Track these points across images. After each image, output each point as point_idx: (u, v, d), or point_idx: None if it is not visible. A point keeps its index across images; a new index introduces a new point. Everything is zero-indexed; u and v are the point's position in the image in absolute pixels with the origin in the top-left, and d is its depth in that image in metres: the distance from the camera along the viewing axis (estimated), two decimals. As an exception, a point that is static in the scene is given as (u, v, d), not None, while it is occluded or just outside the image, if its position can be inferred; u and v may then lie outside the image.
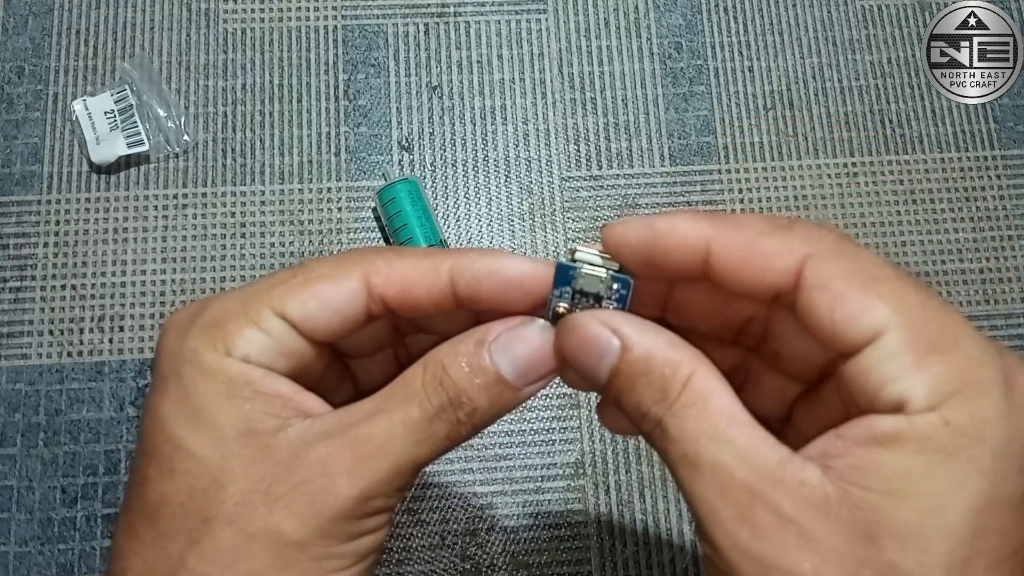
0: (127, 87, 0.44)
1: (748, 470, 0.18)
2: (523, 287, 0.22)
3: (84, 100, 0.44)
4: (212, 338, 0.22)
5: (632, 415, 0.20)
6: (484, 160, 0.45)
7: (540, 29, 0.47)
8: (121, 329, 0.42)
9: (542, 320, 0.22)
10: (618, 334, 0.20)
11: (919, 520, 0.17)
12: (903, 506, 0.17)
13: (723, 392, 0.19)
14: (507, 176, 0.45)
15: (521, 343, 0.22)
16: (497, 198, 0.45)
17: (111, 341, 0.41)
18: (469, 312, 0.24)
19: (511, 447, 0.41)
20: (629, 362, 0.20)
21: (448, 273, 0.22)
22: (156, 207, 0.43)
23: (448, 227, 0.44)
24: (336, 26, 0.47)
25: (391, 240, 0.42)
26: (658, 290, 0.23)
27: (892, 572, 0.17)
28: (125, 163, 0.44)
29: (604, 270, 0.22)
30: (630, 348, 0.20)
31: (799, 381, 0.23)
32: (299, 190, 0.44)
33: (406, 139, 0.45)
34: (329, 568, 0.21)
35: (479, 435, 0.40)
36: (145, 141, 0.43)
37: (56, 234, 0.43)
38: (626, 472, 0.41)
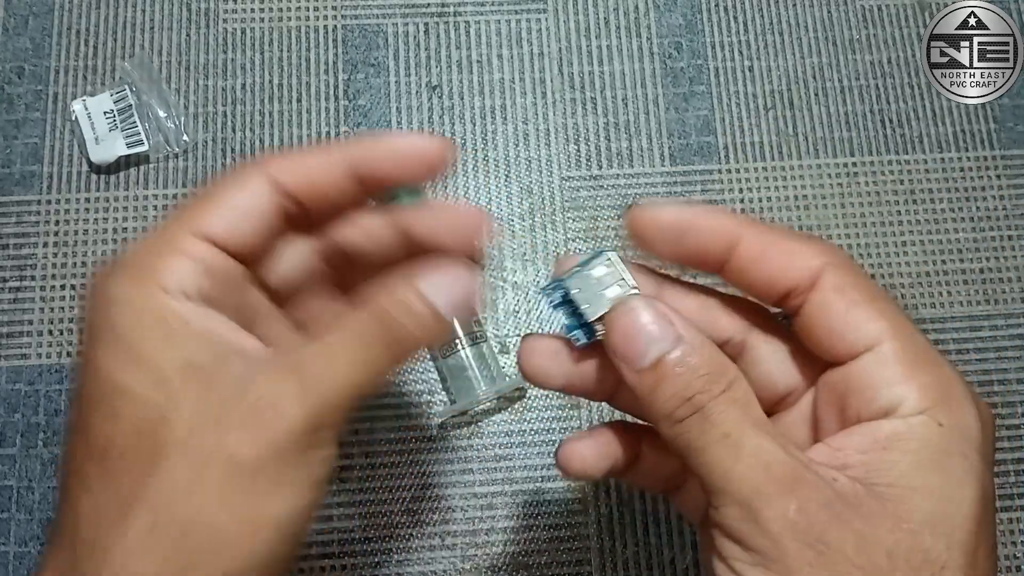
0: (126, 87, 0.44)
1: (790, 458, 0.20)
2: (416, 152, 0.24)
3: (83, 100, 0.44)
4: (140, 278, 0.22)
5: (666, 401, 0.21)
6: (484, 160, 0.45)
7: (540, 29, 0.47)
8: (121, 329, 0.42)
9: (465, 260, 0.24)
10: (673, 327, 0.21)
11: (943, 509, 0.19)
12: (925, 497, 0.19)
13: (757, 402, 0.21)
14: (507, 176, 0.45)
15: (445, 276, 0.23)
16: (497, 198, 0.45)
17: (111, 341, 0.41)
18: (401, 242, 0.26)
19: (511, 447, 0.41)
20: (682, 352, 0.21)
21: (347, 161, 0.24)
22: (156, 207, 0.43)
23: (448, 227, 0.44)
24: (336, 26, 0.47)
25: None
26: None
27: (926, 555, 0.18)
28: (124, 163, 0.44)
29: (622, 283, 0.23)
30: (684, 341, 0.21)
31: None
32: (299, 190, 0.44)
33: (406, 139, 0.45)
34: (284, 493, 0.21)
35: (479, 435, 0.40)
36: (144, 141, 0.43)
37: (56, 234, 0.43)
38: (626, 472, 0.41)
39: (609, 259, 0.23)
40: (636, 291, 0.22)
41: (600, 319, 0.22)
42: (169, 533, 0.20)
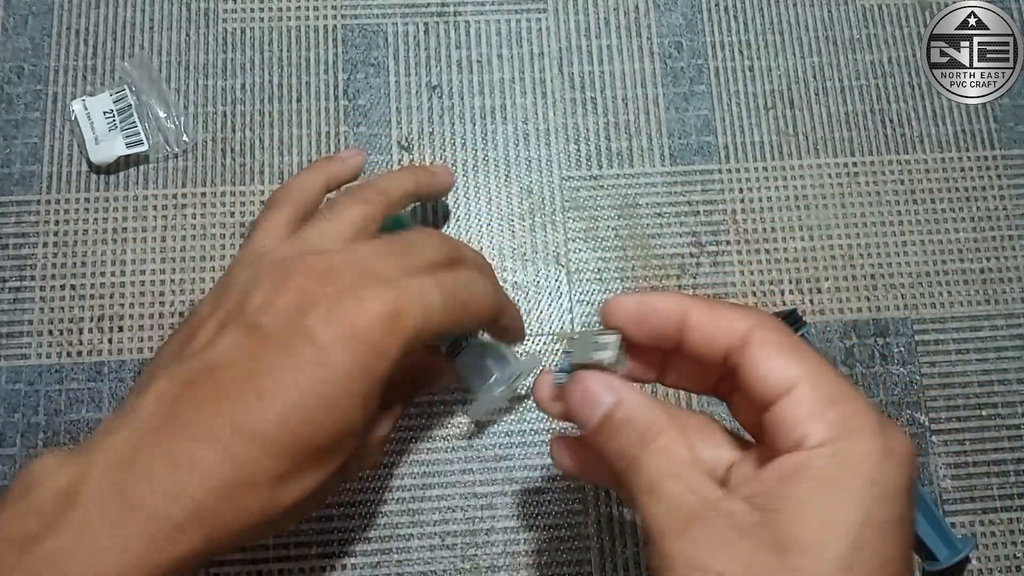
0: (126, 87, 0.44)
1: (695, 498, 0.23)
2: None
3: (83, 100, 0.43)
4: (404, 342, 0.29)
5: (612, 454, 0.25)
6: (484, 160, 0.45)
7: (540, 28, 0.47)
8: (120, 329, 0.42)
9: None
10: (614, 391, 0.26)
11: (817, 533, 0.21)
12: (805, 523, 0.22)
13: (685, 447, 0.24)
14: (507, 176, 0.45)
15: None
16: (497, 198, 0.45)
17: (110, 341, 0.41)
18: None
19: (511, 447, 0.41)
20: (621, 412, 0.25)
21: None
22: (155, 207, 0.43)
23: (448, 227, 0.44)
24: (336, 26, 0.46)
25: None
26: (655, 359, 0.29)
27: (798, 573, 0.21)
28: (124, 163, 0.44)
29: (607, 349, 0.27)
30: (622, 403, 0.25)
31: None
32: (299, 190, 0.44)
33: (406, 139, 0.45)
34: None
35: (479, 435, 0.40)
36: (144, 141, 0.43)
37: (55, 234, 0.43)
38: (626, 472, 0.41)
39: (612, 337, 0.27)
40: (612, 359, 0.26)
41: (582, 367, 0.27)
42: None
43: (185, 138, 0.44)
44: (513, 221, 0.44)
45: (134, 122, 0.43)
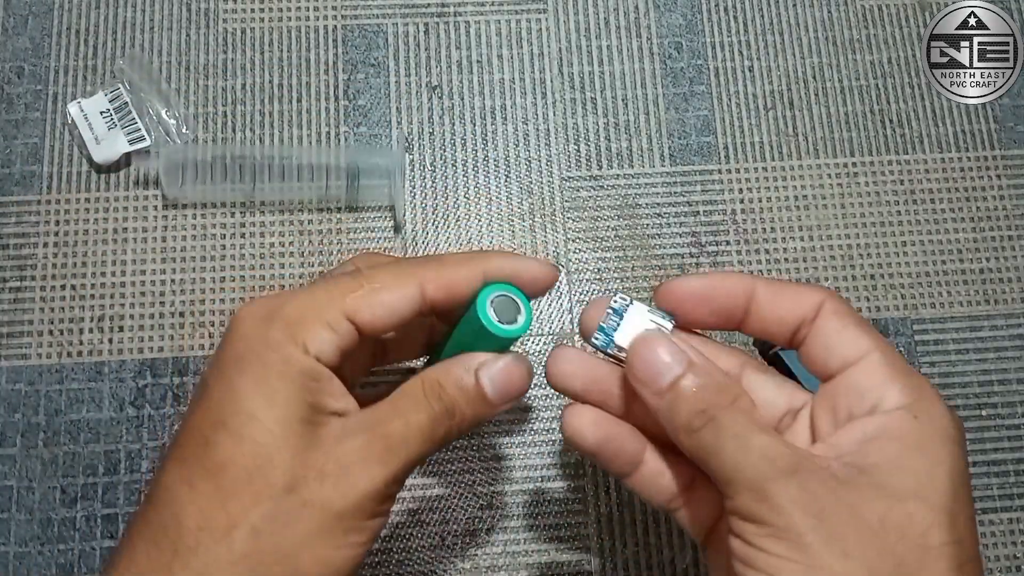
0: (120, 86, 0.44)
1: (788, 449, 0.24)
2: (539, 275, 0.29)
3: (79, 102, 0.43)
4: (293, 333, 0.26)
5: (687, 414, 0.25)
6: (484, 160, 0.45)
7: (540, 29, 0.47)
8: (121, 329, 0.42)
9: (515, 352, 0.28)
10: (685, 354, 0.26)
11: (921, 483, 0.23)
12: (908, 473, 0.23)
13: (759, 411, 0.26)
14: (507, 176, 0.45)
15: (501, 369, 0.28)
16: (497, 198, 0.45)
17: (111, 341, 0.41)
18: None
19: (511, 447, 0.41)
20: (697, 374, 0.26)
21: (483, 275, 0.28)
22: (156, 207, 0.43)
23: (448, 227, 0.44)
24: (336, 26, 0.46)
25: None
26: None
27: (911, 518, 0.23)
28: (126, 162, 0.44)
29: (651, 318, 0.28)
30: (696, 366, 0.26)
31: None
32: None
33: (406, 139, 0.45)
34: (353, 540, 0.26)
35: (479, 435, 0.41)
36: (146, 137, 0.43)
37: (56, 234, 0.43)
38: (626, 472, 0.41)
39: (665, 319, 0.28)
40: (670, 329, 0.27)
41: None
42: (261, 559, 0.25)
43: (185, 131, 0.44)
44: (513, 221, 0.44)
45: (133, 119, 0.43)
